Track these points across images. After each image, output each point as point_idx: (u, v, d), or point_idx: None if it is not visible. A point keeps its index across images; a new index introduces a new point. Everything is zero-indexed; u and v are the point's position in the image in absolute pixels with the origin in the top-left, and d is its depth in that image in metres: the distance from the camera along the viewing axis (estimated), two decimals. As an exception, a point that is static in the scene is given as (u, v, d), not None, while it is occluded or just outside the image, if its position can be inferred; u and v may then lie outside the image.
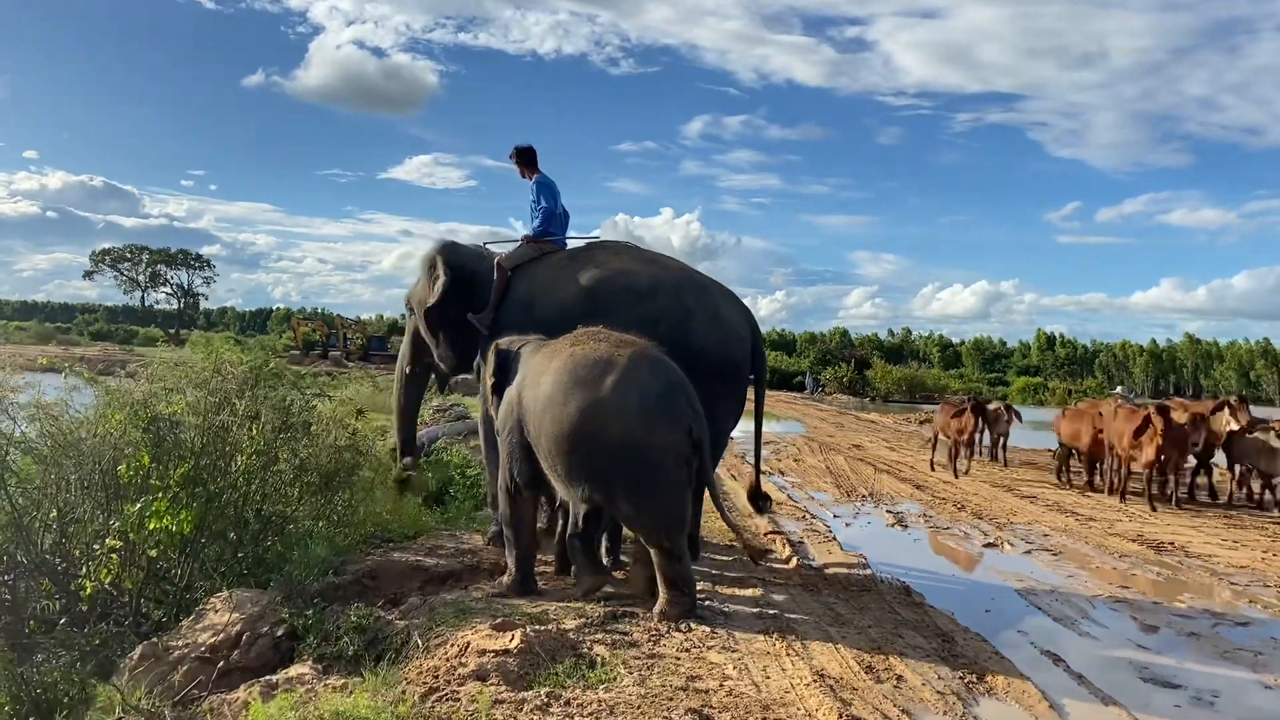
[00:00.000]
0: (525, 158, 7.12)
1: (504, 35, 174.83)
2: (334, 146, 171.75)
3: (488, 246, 7.19)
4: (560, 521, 5.99)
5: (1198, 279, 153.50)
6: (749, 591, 5.78)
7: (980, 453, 14.78)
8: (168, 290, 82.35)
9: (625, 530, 6.14)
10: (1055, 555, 7.59)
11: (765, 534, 7.75)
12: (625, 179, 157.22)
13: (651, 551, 5.10)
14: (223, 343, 7.50)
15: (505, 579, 5.66)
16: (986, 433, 14.71)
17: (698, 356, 6.20)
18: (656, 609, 5.01)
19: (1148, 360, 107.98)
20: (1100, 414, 11.18)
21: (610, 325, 6.16)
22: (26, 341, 49.07)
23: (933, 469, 13.13)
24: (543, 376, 5.25)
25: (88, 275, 79.95)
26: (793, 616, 5.20)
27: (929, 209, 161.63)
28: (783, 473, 12.73)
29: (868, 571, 6.57)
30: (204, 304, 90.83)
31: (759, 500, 7.00)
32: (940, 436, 13.81)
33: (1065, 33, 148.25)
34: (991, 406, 14.48)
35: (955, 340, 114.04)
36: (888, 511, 9.53)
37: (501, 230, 7.94)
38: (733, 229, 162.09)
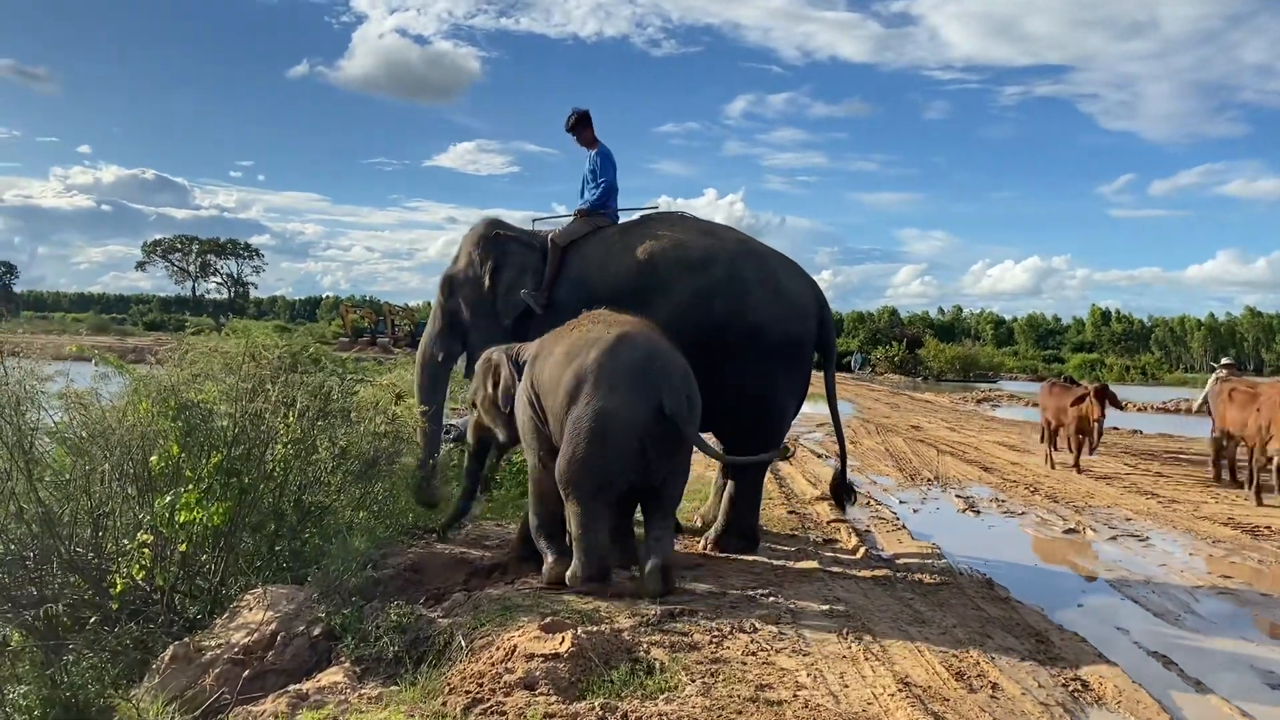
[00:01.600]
0: (585, 122, 6.66)
1: (545, 19, 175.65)
2: (379, 135, 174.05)
3: (537, 223, 6.85)
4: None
5: (1257, 250, 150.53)
6: (816, 586, 5.34)
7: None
8: (218, 280, 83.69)
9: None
10: (1142, 541, 7.06)
11: (829, 522, 7.29)
12: (668, 160, 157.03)
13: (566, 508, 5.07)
14: (260, 328, 7.22)
15: (545, 569, 5.29)
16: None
17: (754, 331, 5.84)
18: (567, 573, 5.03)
19: (1206, 334, 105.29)
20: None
21: (663, 300, 5.81)
22: (83, 333, 49.84)
23: (1051, 466, 11.26)
24: (548, 359, 5.29)
25: (140, 266, 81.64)
26: (868, 615, 4.75)
27: (978, 184, 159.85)
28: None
29: (944, 563, 6.09)
30: (254, 293, 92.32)
31: (844, 494, 6.73)
32: (1055, 425, 11.75)
33: (1115, 2, 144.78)
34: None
35: (1007, 317, 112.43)
36: (956, 496, 9.02)
37: (545, 216, 7.53)
38: (777, 209, 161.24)
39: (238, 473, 5.44)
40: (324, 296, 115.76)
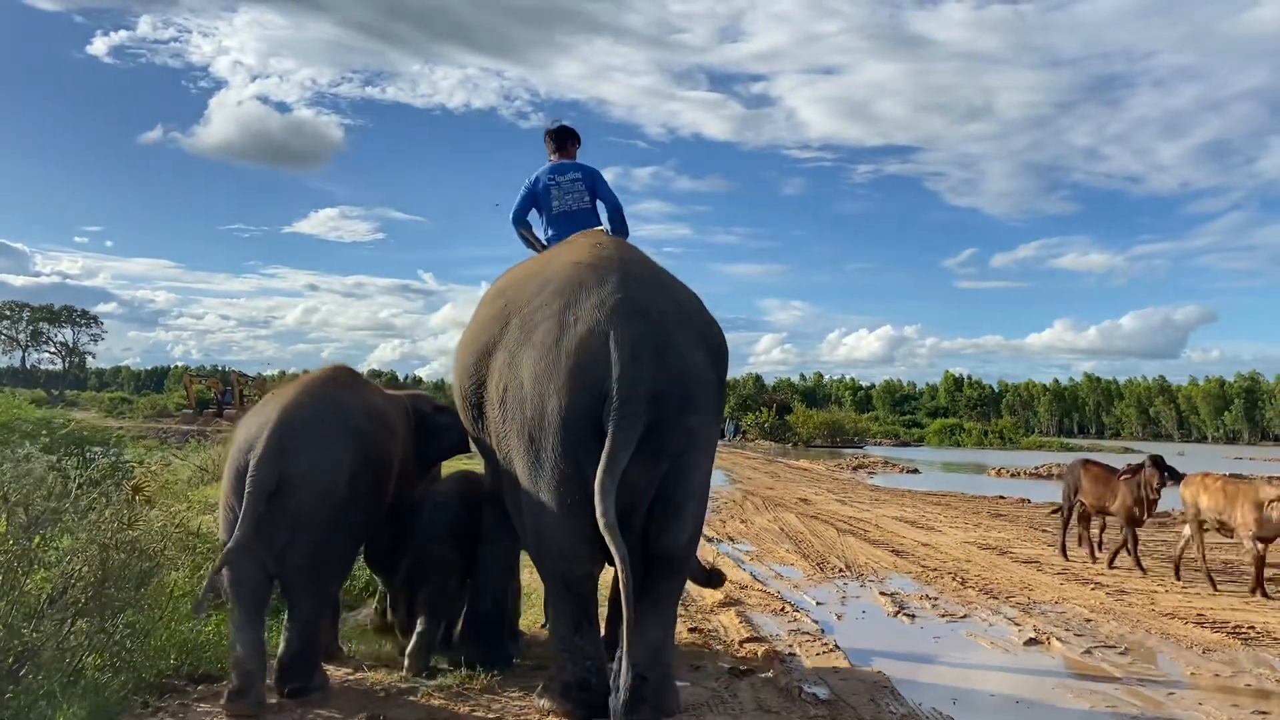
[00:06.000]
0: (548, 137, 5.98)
1: (412, 89, 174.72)
2: (236, 202, 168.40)
3: None
4: None
5: (1088, 320, 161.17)
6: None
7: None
8: (51, 350, 78.17)
9: None
10: (1124, 654, 5.74)
11: (742, 641, 5.70)
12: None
13: None
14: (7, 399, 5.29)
15: None
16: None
17: (517, 404, 4.10)
18: None
19: (1051, 399, 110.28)
20: None
21: (495, 365, 4.30)
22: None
23: (1111, 565, 8.90)
24: None
25: (-39, 336, 75.25)
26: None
27: (834, 257, 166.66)
28: (733, 539, 10.71)
29: (902, 708, 4.57)
30: (93, 363, 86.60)
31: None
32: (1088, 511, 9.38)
33: (956, 88, 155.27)
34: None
35: (865, 384, 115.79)
36: (880, 593, 7.53)
37: (411, 283, 5.94)
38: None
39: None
40: (174, 366, 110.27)
